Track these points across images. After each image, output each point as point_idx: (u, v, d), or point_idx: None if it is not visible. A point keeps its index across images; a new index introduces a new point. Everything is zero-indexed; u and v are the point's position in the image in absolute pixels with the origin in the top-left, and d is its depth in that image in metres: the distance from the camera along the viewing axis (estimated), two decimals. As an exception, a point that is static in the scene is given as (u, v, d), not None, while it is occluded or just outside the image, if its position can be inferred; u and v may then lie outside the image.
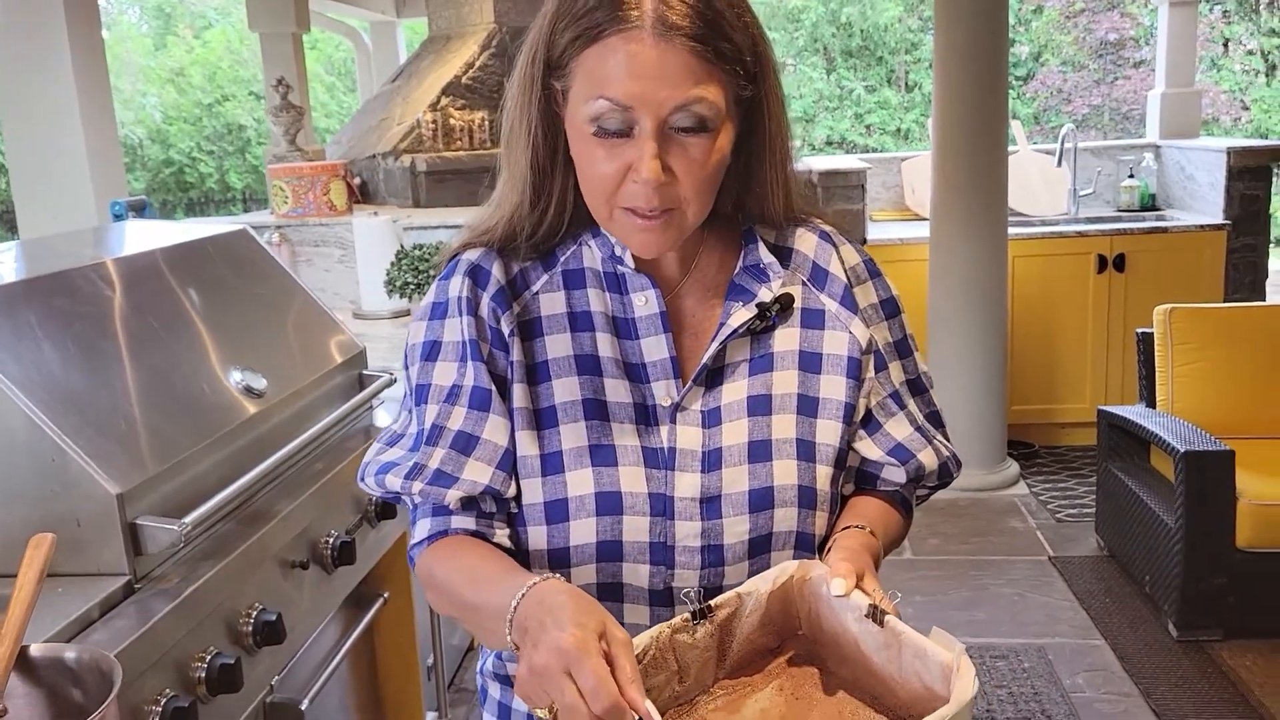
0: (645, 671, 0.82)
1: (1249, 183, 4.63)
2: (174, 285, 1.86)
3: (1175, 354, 3.45)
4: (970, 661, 0.74)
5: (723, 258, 1.08)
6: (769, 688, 0.87)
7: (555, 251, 1.07)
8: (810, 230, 1.10)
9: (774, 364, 1.04)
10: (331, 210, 3.75)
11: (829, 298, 1.07)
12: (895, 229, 4.89)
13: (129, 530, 1.40)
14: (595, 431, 1.00)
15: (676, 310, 1.06)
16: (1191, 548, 3.01)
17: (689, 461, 1.00)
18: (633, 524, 0.98)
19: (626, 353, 1.04)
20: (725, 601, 0.86)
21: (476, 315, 1.03)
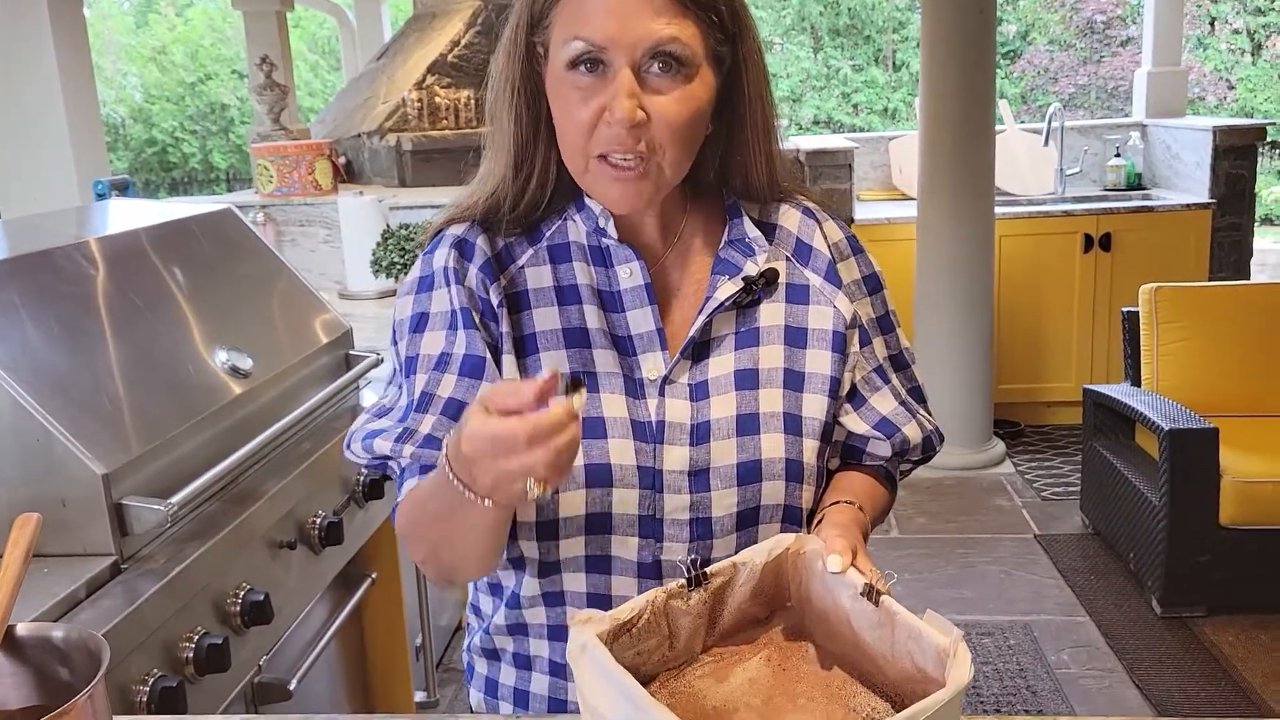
0: (638, 636, 0.82)
1: (1234, 162, 4.65)
2: (158, 264, 1.84)
3: (1160, 333, 3.47)
4: (967, 647, 0.74)
5: (707, 231, 1.08)
6: (757, 658, 0.88)
7: (540, 226, 1.07)
8: (794, 206, 1.10)
9: (760, 339, 1.04)
10: (317, 190, 3.72)
11: (813, 273, 1.07)
12: (882, 208, 4.89)
13: (115, 511, 1.40)
14: (585, 404, 1.00)
15: (661, 283, 1.06)
16: (1175, 525, 3.03)
17: (677, 435, 1.00)
18: (622, 496, 0.98)
19: (613, 325, 1.04)
20: (720, 570, 0.86)
21: (464, 285, 1.03)
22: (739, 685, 0.85)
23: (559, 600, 1.03)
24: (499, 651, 1.10)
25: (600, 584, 1.01)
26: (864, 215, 4.68)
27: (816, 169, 4.59)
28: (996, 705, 2.71)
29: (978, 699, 2.74)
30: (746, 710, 0.82)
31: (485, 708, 1.13)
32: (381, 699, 2.25)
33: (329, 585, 1.95)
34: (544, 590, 1.03)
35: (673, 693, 0.82)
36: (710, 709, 0.82)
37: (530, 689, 1.08)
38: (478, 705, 1.14)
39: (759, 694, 0.84)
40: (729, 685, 0.85)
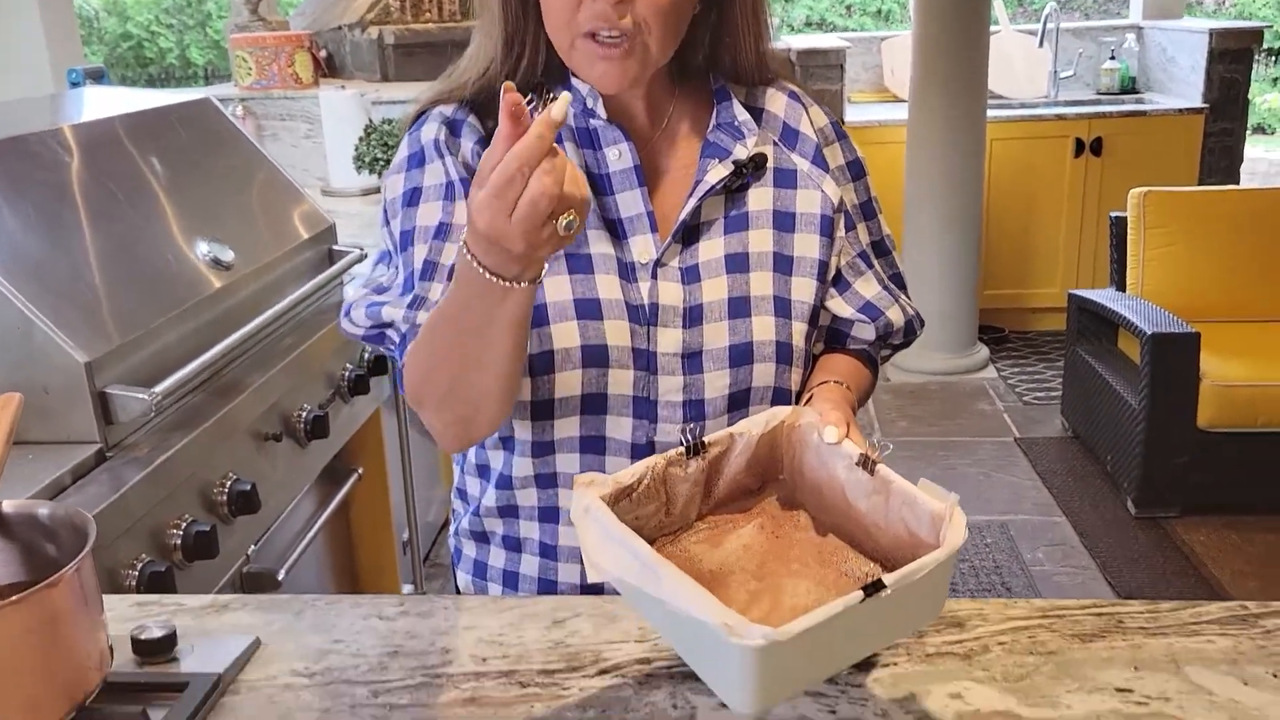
0: (638, 501, 0.84)
1: (1229, 65, 4.59)
2: (135, 154, 1.81)
3: (1148, 238, 3.46)
4: (962, 511, 0.76)
5: (695, 114, 1.07)
6: (750, 525, 0.89)
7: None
8: (779, 90, 1.09)
9: (750, 222, 1.04)
10: (297, 83, 3.64)
11: (800, 157, 1.07)
12: (874, 110, 4.83)
13: (98, 399, 1.39)
14: (580, 285, 1.00)
15: (651, 166, 1.05)
16: (1154, 428, 3.07)
17: (670, 317, 1.00)
18: (617, 377, 0.99)
19: (603, 208, 1.03)
20: (718, 440, 0.88)
21: (458, 158, 1.01)
22: (734, 551, 0.86)
23: (551, 482, 1.04)
24: (488, 534, 1.11)
25: (594, 465, 1.02)
26: (855, 117, 4.62)
27: (808, 69, 4.51)
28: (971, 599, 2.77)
29: (952, 593, 2.80)
30: (741, 574, 0.84)
31: (474, 590, 1.15)
32: (369, 591, 2.29)
33: (316, 479, 1.96)
34: (537, 471, 1.03)
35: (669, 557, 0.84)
36: (706, 572, 0.84)
37: (520, 570, 1.10)
38: (465, 588, 1.16)
39: (753, 559, 0.86)
40: (724, 551, 0.86)
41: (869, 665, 0.88)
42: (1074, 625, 0.93)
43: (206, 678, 0.87)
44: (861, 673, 0.87)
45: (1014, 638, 0.91)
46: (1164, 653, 0.88)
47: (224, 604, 1.02)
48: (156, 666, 0.90)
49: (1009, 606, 0.96)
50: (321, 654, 0.93)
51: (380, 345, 1.05)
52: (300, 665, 0.91)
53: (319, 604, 1.01)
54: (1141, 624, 0.93)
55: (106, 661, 0.81)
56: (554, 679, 0.88)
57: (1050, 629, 0.93)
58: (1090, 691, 0.84)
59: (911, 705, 0.83)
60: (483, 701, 0.86)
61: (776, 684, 0.69)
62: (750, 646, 0.65)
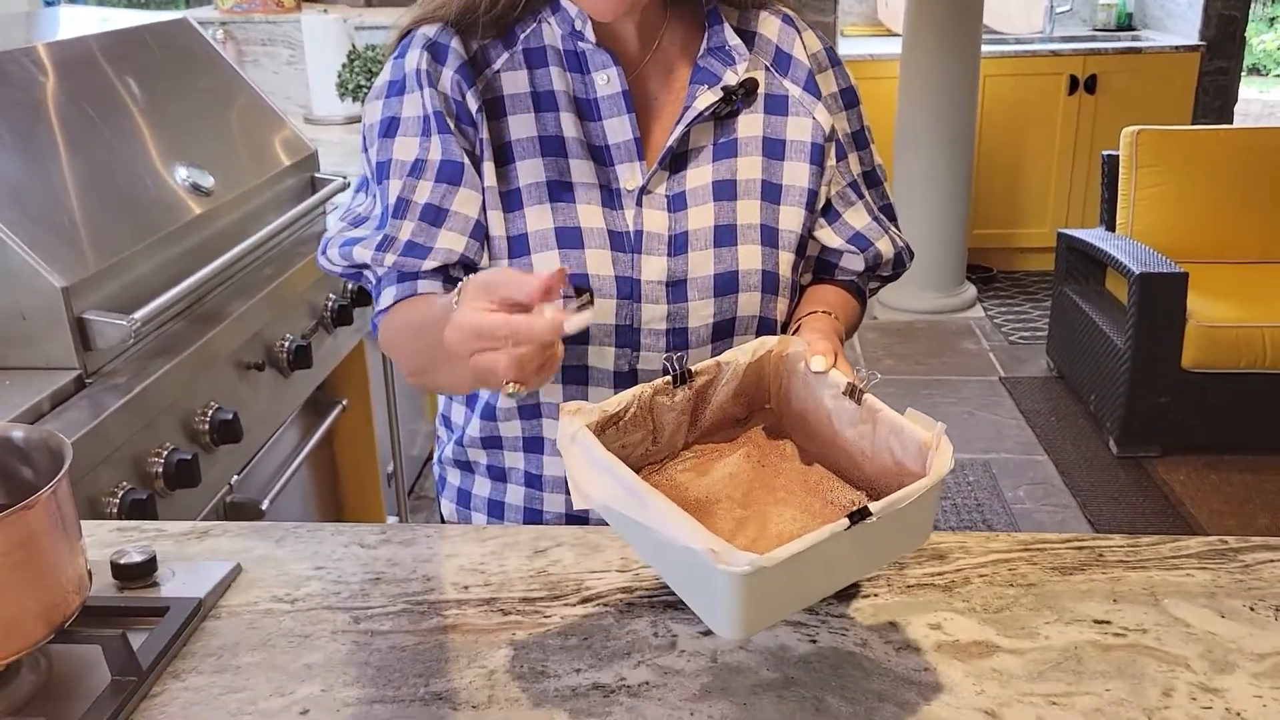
0: (624, 429, 0.83)
1: (1228, 2, 4.53)
2: (111, 75, 1.76)
3: (1139, 177, 3.44)
4: (949, 440, 0.75)
5: (686, 38, 1.04)
6: (736, 454, 0.89)
7: (514, 29, 1.02)
8: (773, 14, 1.06)
9: (738, 149, 1.02)
10: (279, 7, 3.56)
11: (792, 83, 1.04)
12: (867, 44, 4.76)
13: (76, 325, 1.37)
14: (561, 214, 0.98)
15: (639, 92, 1.02)
16: (1138, 368, 3.08)
17: (655, 245, 0.99)
18: (600, 306, 0.98)
19: (590, 134, 1.00)
20: (705, 369, 0.87)
21: (438, 89, 0.99)
22: (720, 479, 0.86)
23: (535, 412, 1.03)
24: (472, 464, 1.11)
25: (577, 394, 1.01)
26: (847, 51, 4.55)
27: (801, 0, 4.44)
28: (953, 537, 2.80)
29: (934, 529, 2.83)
30: (728, 502, 0.84)
31: (458, 518, 1.15)
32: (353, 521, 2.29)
33: (299, 410, 1.95)
34: (519, 402, 1.03)
35: (655, 485, 0.83)
36: (692, 500, 0.84)
37: (505, 499, 1.09)
38: (450, 515, 1.16)
39: (739, 487, 0.86)
40: (710, 479, 0.86)
41: (850, 595, 0.89)
42: (1054, 558, 0.93)
43: (187, 602, 0.87)
44: (842, 603, 0.88)
45: (994, 570, 0.92)
46: (1143, 586, 0.89)
47: (205, 530, 1.02)
48: (136, 591, 0.90)
49: (990, 540, 0.96)
50: (302, 580, 0.93)
51: (359, 282, 1.04)
52: (281, 591, 0.91)
53: (300, 531, 1.01)
54: (1121, 557, 0.93)
55: (85, 586, 0.81)
56: (535, 607, 0.88)
57: (1031, 562, 0.93)
58: (1068, 623, 0.84)
59: (891, 635, 0.84)
60: (464, 628, 0.86)
61: (762, 609, 0.69)
62: (736, 572, 0.65)
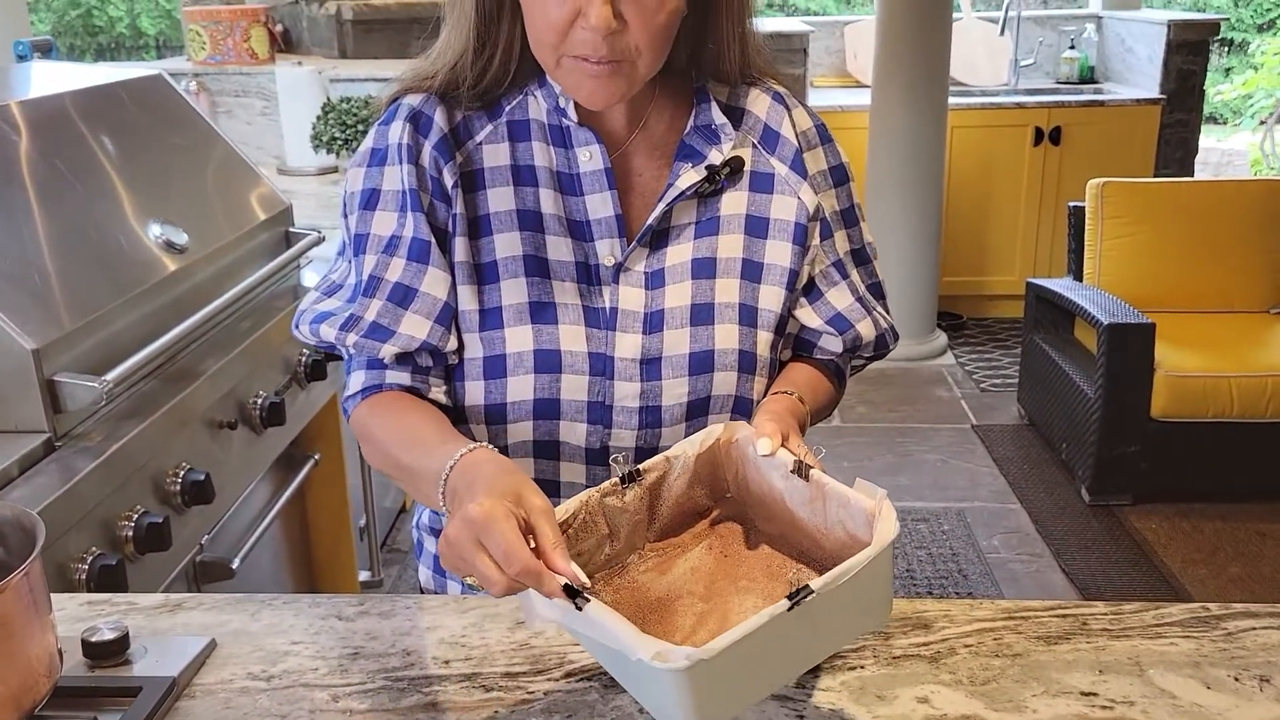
0: (576, 536, 0.82)
1: (1186, 57, 4.64)
2: (85, 132, 1.75)
3: (1105, 228, 3.49)
4: (892, 505, 0.75)
5: (673, 115, 1.05)
6: (698, 548, 0.88)
7: (500, 101, 1.03)
8: (764, 91, 1.06)
9: (720, 228, 1.02)
10: (252, 59, 3.56)
11: (779, 161, 1.04)
12: (836, 96, 4.83)
13: (47, 387, 1.35)
14: (536, 289, 0.98)
15: (623, 168, 1.03)
16: (1108, 417, 3.11)
17: (630, 322, 0.99)
18: (571, 382, 0.97)
19: (570, 210, 1.01)
20: (653, 465, 0.86)
21: (417, 164, 0.99)
22: (681, 575, 0.85)
23: None
24: None
25: (548, 469, 1.00)
26: (817, 102, 4.61)
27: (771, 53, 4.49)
28: (929, 587, 2.80)
29: (911, 581, 2.83)
30: (689, 597, 0.83)
31: (433, 584, 1.13)
32: (325, 578, 2.26)
33: (271, 466, 1.93)
34: None
35: (616, 589, 0.83)
36: (654, 600, 0.83)
37: None
38: (426, 581, 1.14)
39: (701, 581, 0.85)
40: (671, 576, 0.85)
41: (835, 669, 0.88)
42: (1039, 627, 0.93)
43: (160, 682, 0.85)
44: (828, 675, 0.87)
45: (980, 640, 0.91)
46: (1128, 655, 0.89)
47: (178, 603, 1.00)
48: (108, 670, 0.87)
49: (975, 607, 0.96)
50: (279, 656, 0.91)
51: (332, 352, 1.05)
52: (257, 668, 0.89)
53: (276, 603, 0.99)
54: (1105, 625, 0.93)
55: (56, 667, 0.79)
56: (518, 682, 0.87)
57: (1016, 630, 0.93)
58: (1055, 695, 0.84)
59: (879, 709, 0.83)
60: (445, 706, 0.84)
61: (714, 703, 0.68)
62: (676, 670, 0.64)
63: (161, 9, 12.75)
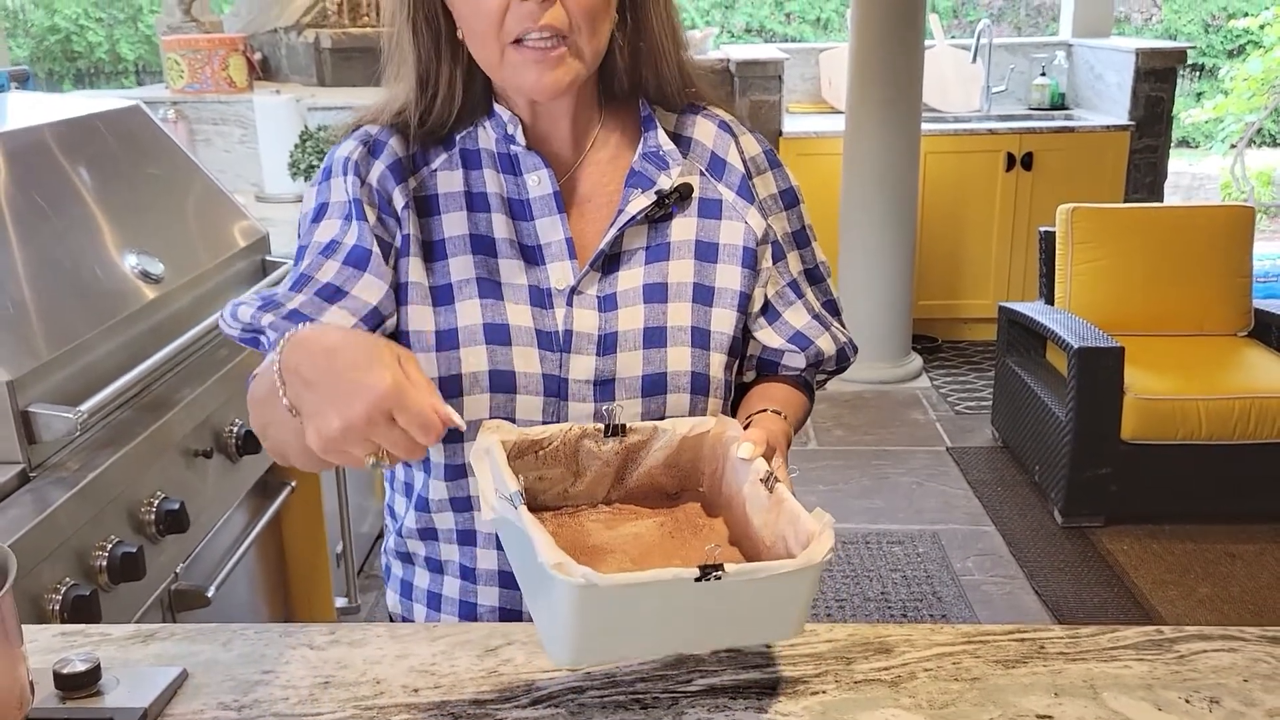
0: (544, 460, 0.86)
1: (1155, 84, 4.72)
2: (63, 163, 1.77)
3: (1075, 253, 3.55)
4: (833, 533, 0.78)
5: (620, 142, 1.08)
6: (652, 520, 0.91)
7: (451, 134, 1.06)
8: (709, 119, 1.10)
9: (671, 253, 1.05)
10: (231, 87, 3.58)
11: (726, 188, 1.07)
12: (811, 121, 4.88)
13: (22, 418, 1.36)
14: (490, 310, 1.00)
15: (572, 193, 1.06)
16: (1079, 439, 3.15)
17: (584, 344, 1.01)
18: (525, 403, 0.99)
19: (522, 234, 1.03)
20: (640, 429, 0.90)
21: (364, 180, 1.02)
22: (624, 536, 0.88)
23: (466, 505, 1.04)
24: (412, 555, 1.11)
25: None
26: (792, 128, 4.66)
27: (747, 79, 4.55)
28: (904, 610, 2.82)
29: (885, 604, 2.85)
30: (621, 555, 0.86)
31: (401, 609, 1.15)
32: (302, 605, 2.26)
33: (247, 493, 1.93)
34: (451, 495, 1.04)
35: (560, 524, 0.86)
36: (589, 546, 0.86)
37: (442, 592, 1.10)
38: (394, 606, 1.16)
39: (639, 547, 0.87)
40: (614, 533, 0.88)
41: (796, 693, 0.90)
42: (997, 651, 0.95)
43: (131, 713, 0.86)
44: (789, 700, 0.89)
45: (939, 664, 0.93)
46: (1083, 678, 0.91)
47: (150, 633, 1.01)
48: (79, 701, 0.88)
49: (935, 632, 0.98)
50: (250, 685, 0.92)
51: (256, 348, 1.03)
52: (229, 698, 0.90)
53: (248, 633, 1.00)
54: (1062, 649, 0.95)
55: (27, 700, 0.80)
56: (486, 710, 0.88)
57: (975, 655, 0.95)
58: (1012, 718, 0.86)
59: (839, 734, 0.85)
60: (414, 734, 0.85)
61: (597, 637, 0.71)
62: (571, 584, 0.68)
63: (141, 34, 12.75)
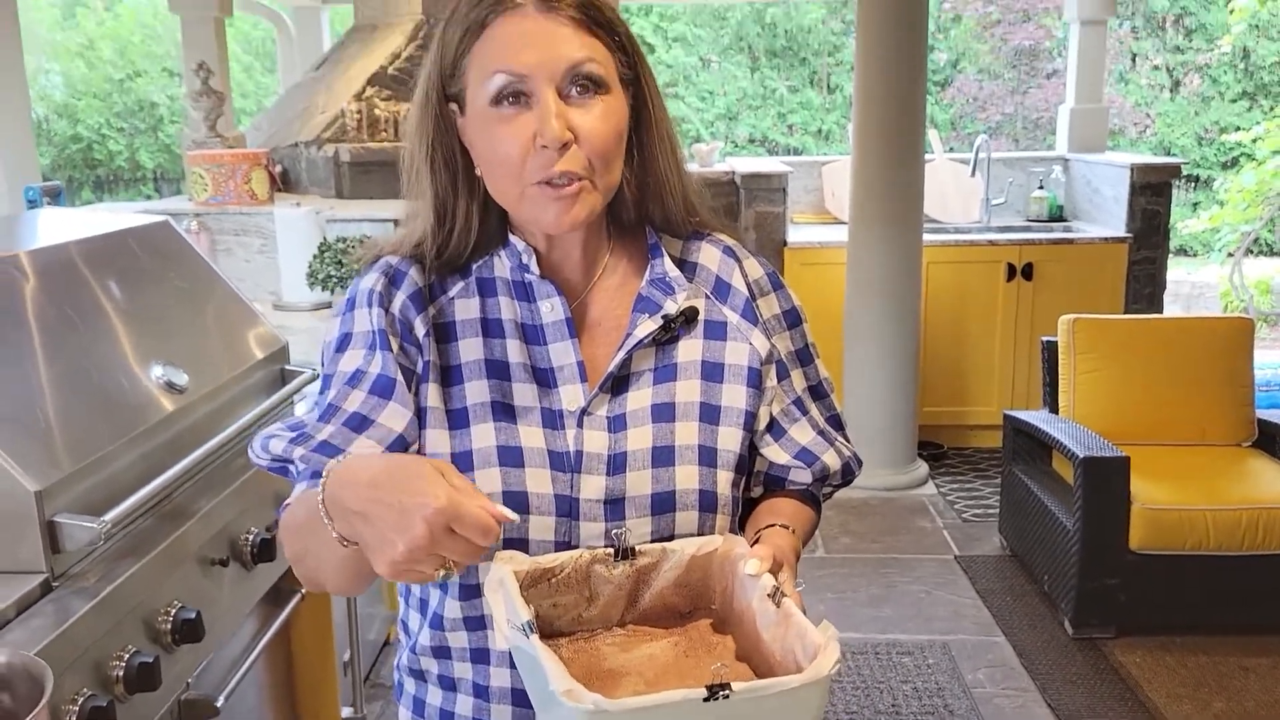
0: (556, 587, 0.88)
1: (1150, 198, 4.83)
2: (92, 278, 1.83)
3: (1077, 362, 3.59)
4: (838, 646, 0.80)
5: (628, 268, 1.13)
6: (666, 640, 0.93)
7: (468, 263, 1.11)
8: (714, 245, 1.15)
9: (678, 374, 1.09)
10: (252, 199, 3.69)
11: (731, 310, 1.12)
12: (815, 232, 4.99)
13: (47, 528, 1.39)
14: (504, 433, 1.03)
15: (583, 317, 1.10)
16: (1087, 549, 3.14)
17: (594, 464, 1.04)
18: (538, 523, 1.02)
19: (535, 358, 1.07)
20: (648, 550, 0.92)
21: (387, 310, 1.07)
22: (639, 658, 0.90)
23: (480, 624, 1.06)
24: (425, 673, 1.12)
25: None
26: (796, 238, 4.77)
27: (752, 191, 4.67)
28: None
29: (896, 717, 2.81)
30: (636, 678, 0.87)
31: (413, 728, 1.15)
32: (309, 714, 2.25)
33: (258, 601, 1.94)
34: (465, 614, 1.05)
35: (577, 649, 0.88)
36: (605, 669, 0.87)
37: (455, 710, 1.10)
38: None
39: (653, 668, 0.89)
40: (630, 656, 0.90)
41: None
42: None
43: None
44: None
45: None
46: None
47: (171, 747, 1.02)
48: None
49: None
50: (271, 800, 0.93)
51: (286, 478, 1.08)
52: (250, 813, 0.91)
53: (268, 747, 1.01)
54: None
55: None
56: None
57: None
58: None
59: None
60: None
61: None
62: (581, 710, 0.69)
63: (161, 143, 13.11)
